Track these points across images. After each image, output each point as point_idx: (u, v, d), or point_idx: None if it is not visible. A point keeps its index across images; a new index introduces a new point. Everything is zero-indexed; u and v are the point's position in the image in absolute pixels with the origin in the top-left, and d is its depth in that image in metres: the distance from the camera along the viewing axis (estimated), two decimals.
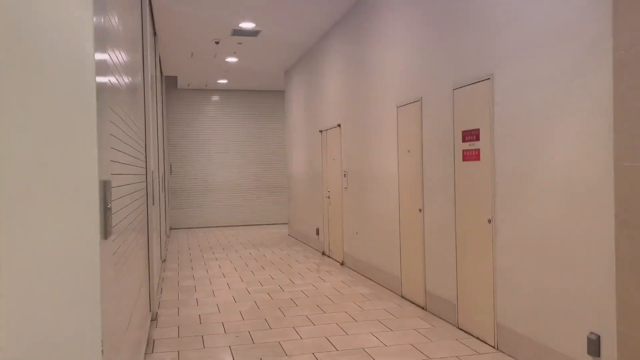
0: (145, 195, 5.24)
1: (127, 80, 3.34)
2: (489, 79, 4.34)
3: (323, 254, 9.26)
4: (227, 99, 14.51)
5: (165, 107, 13.87)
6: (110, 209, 1.88)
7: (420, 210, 5.58)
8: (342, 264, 8.26)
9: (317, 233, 9.67)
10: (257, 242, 11.15)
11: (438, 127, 5.20)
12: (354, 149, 7.69)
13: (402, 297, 6.03)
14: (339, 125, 8.36)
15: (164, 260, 9.01)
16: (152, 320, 5.22)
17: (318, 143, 9.58)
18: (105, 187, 1.82)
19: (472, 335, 4.62)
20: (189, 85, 13.71)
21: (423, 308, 5.53)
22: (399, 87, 6.08)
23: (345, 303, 5.82)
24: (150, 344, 4.54)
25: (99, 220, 1.75)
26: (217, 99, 14.45)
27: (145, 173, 5.15)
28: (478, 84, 4.50)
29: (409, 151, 5.85)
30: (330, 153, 8.84)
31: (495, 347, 4.29)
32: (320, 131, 9.39)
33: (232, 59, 10.74)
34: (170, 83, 14.10)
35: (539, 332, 3.77)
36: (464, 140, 4.72)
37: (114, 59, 2.54)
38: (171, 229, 14.12)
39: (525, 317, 3.92)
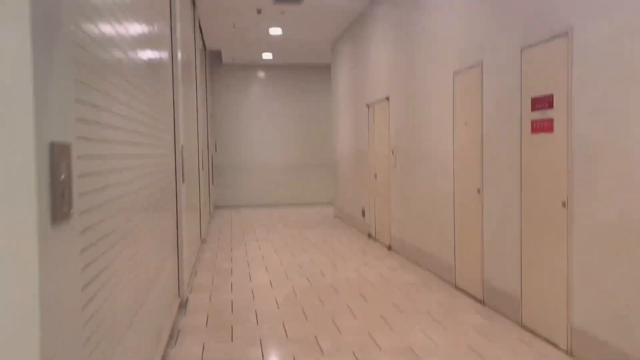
0: (174, 172, 4.83)
1: (135, 52, 2.86)
2: (566, 34, 3.61)
3: (369, 236, 8.70)
4: (272, 74, 14.03)
5: (210, 83, 13.56)
6: (64, 181, 1.38)
7: (478, 191, 4.92)
8: (389, 248, 7.67)
9: (363, 214, 9.11)
10: (300, 222, 10.71)
11: (501, 94, 4.50)
12: (403, 123, 7.03)
13: (456, 287, 5.41)
14: (387, 98, 7.71)
15: (204, 241, 8.69)
16: (180, 307, 4.84)
17: (364, 118, 8.96)
18: (54, 153, 1.33)
19: (539, 336, 3.97)
20: (233, 60, 13.31)
21: (480, 301, 4.90)
22: (456, 50, 5.37)
23: (391, 292, 5.26)
24: (175, 335, 4.14)
25: (43, 198, 1.25)
26: (262, 75, 14.00)
27: (173, 148, 4.72)
28: (552, 41, 3.77)
29: (466, 123, 5.17)
30: (378, 128, 8.21)
31: (569, 352, 3.64)
32: (367, 105, 8.76)
33: (276, 31, 10.20)
34: (215, 58, 13.75)
35: (629, 340, 3.09)
36: (533, 109, 4.02)
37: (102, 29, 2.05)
38: (216, 207, 13.91)
39: (610, 320, 3.24)
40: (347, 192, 10.45)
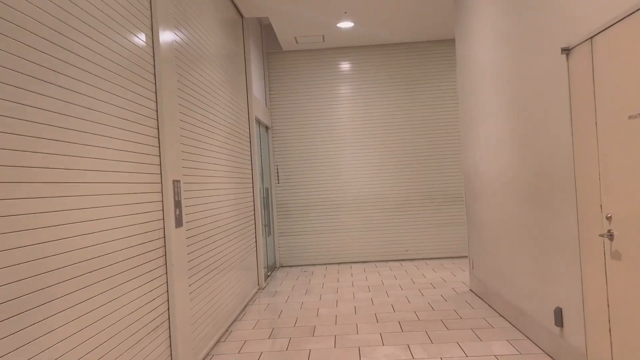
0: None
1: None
2: None
3: None
4: (356, 61, 9.26)
5: (266, 76, 9.06)
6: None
7: None
8: None
9: (560, 319, 3.90)
10: (404, 311, 5.65)
11: None
12: None
13: None
14: None
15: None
16: None
17: (555, 85, 3.82)
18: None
19: None
20: (296, 40, 8.73)
21: None
22: None
23: None
24: None
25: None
26: (341, 62, 9.27)
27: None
28: None
29: None
30: (612, 96, 3.02)
31: None
32: (566, 50, 3.61)
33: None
34: (268, 40, 9.28)
35: None
36: None
37: None
38: (277, 267, 9.23)
39: None
40: (504, 253, 5.26)
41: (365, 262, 9.17)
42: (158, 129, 3.71)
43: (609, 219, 3.03)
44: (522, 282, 4.69)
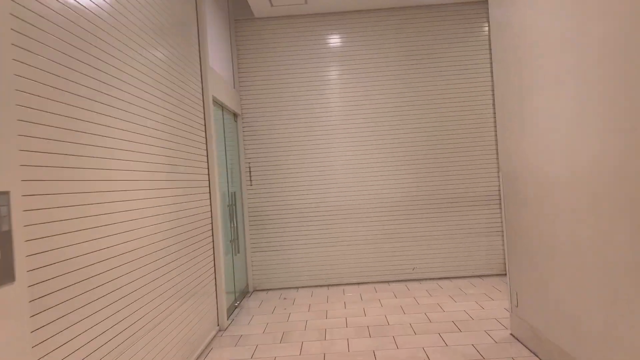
0: None
1: None
2: None
3: None
4: (350, 29, 7.34)
5: (236, 52, 7.13)
6: None
7: None
8: None
9: None
10: None
11: None
12: None
13: None
14: None
15: None
16: None
17: None
18: None
19: None
20: (270, 3, 6.80)
21: None
22: None
23: None
24: None
25: None
26: (331, 31, 7.36)
27: None
28: None
29: None
30: None
31: None
32: None
33: None
34: (236, 4, 7.34)
35: None
36: None
37: None
38: (251, 292, 7.31)
39: None
40: (581, 296, 3.35)
41: (361, 283, 7.27)
42: None
43: None
44: (619, 347, 2.80)
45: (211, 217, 5.43)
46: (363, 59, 7.30)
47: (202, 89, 5.40)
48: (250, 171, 7.29)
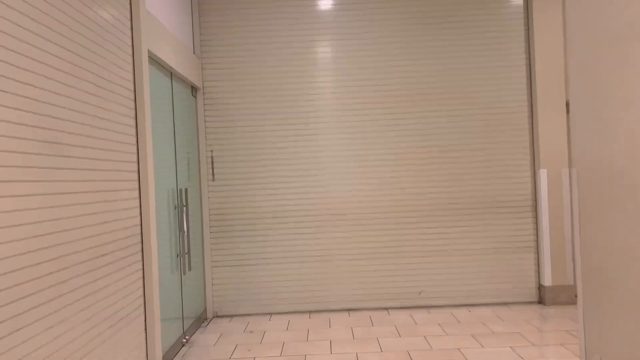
0: None
1: None
2: None
3: None
4: None
5: (197, 6, 5.47)
6: None
7: None
8: None
9: None
10: None
11: None
12: None
13: None
14: None
15: None
16: None
17: None
18: None
19: None
20: None
21: None
22: None
23: None
24: None
25: None
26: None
27: None
28: None
29: None
30: None
31: None
32: None
33: None
34: None
35: None
36: None
37: None
38: (214, 317, 5.65)
39: None
40: None
41: (353, 310, 5.65)
42: None
43: None
44: None
45: (141, 224, 3.78)
46: (361, 23, 5.66)
47: (132, 38, 3.74)
48: (212, 162, 5.63)
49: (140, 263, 3.75)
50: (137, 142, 3.77)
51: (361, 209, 5.61)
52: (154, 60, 4.24)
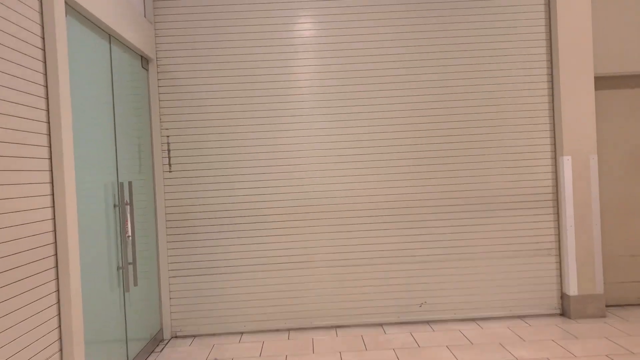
0: None
1: None
2: None
3: None
4: None
5: None
6: None
7: None
8: None
9: None
10: None
11: None
12: None
13: None
14: None
15: None
16: None
17: None
18: None
19: None
20: None
21: None
22: None
23: None
24: None
25: None
26: None
27: None
28: None
29: None
30: None
31: None
32: None
33: None
34: None
35: None
36: None
37: None
38: (173, 338, 4.67)
39: None
40: None
41: (341, 327, 4.71)
42: None
43: None
44: None
45: (55, 230, 2.79)
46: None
47: None
48: (169, 150, 4.63)
49: (54, 283, 2.77)
50: (49, 120, 2.77)
51: (350, 205, 4.67)
52: (79, 13, 3.23)
